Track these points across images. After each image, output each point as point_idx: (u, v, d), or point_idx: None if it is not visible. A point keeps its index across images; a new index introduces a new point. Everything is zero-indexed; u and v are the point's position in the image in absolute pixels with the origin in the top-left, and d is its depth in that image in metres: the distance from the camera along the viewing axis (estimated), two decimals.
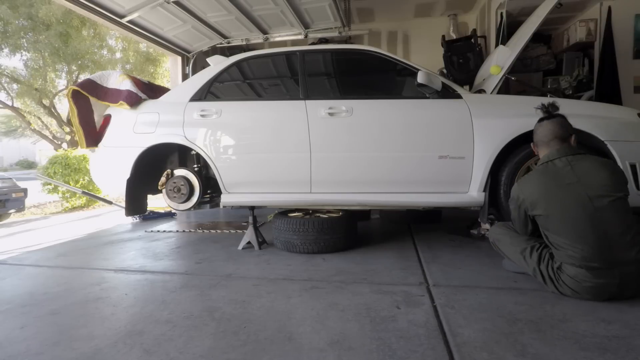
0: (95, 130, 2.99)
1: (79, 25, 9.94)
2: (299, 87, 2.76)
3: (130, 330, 1.50)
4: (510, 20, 4.24)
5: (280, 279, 2.10)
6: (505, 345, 1.32)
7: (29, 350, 1.37)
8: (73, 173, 6.54)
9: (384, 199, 2.61)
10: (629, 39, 4.12)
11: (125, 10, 4.03)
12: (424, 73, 2.39)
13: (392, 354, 1.28)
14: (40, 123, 12.76)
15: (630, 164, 2.27)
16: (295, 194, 2.69)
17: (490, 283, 1.95)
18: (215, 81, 2.90)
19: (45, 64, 10.70)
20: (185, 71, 5.35)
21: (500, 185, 2.40)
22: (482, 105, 2.49)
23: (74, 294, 1.95)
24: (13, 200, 5.81)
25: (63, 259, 2.68)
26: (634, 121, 2.38)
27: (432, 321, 1.52)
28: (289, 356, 1.29)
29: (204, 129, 2.76)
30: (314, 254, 2.58)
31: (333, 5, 4.30)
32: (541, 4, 2.67)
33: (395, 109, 2.59)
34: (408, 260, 2.41)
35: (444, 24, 5.58)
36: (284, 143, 2.67)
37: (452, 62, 4.43)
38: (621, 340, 1.33)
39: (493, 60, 2.85)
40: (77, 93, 2.89)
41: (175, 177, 2.90)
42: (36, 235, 3.70)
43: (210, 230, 3.54)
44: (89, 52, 10.48)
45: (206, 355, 1.31)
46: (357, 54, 2.90)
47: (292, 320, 1.57)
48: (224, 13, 4.39)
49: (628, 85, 4.08)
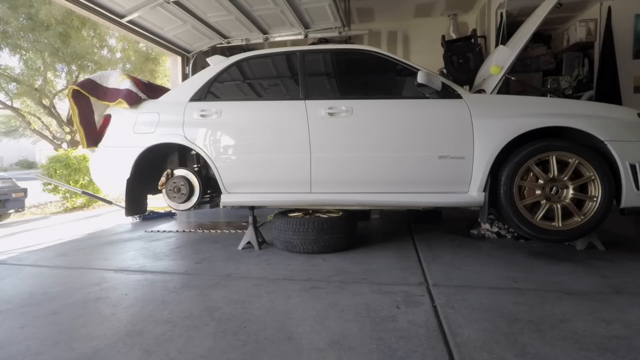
0: (95, 130, 2.99)
1: (79, 25, 9.94)
2: (299, 87, 2.76)
3: (130, 330, 1.50)
4: (510, 20, 4.24)
5: (280, 279, 2.10)
6: (505, 345, 1.32)
7: (29, 350, 1.37)
8: (73, 173, 6.54)
9: (384, 199, 2.61)
10: (629, 39, 4.12)
11: (125, 10, 4.03)
12: (424, 73, 2.38)
13: (392, 354, 1.28)
14: (40, 123, 12.76)
15: (630, 164, 2.27)
16: (295, 194, 2.69)
17: (490, 283, 1.95)
18: (215, 81, 2.89)
19: (45, 64, 10.71)
20: (185, 71, 5.35)
21: (500, 185, 2.40)
22: (482, 105, 2.49)
23: (74, 294, 1.95)
24: (13, 200, 5.81)
25: (63, 259, 2.68)
26: (634, 121, 2.38)
27: (432, 321, 1.52)
28: (289, 356, 1.29)
29: (204, 129, 2.76)
30: (314, 254, 2.58)
31: (333, 5, 4.30)
32: (541, 4, 2.67)
33: (395, 109, 2.59)
34: (408, 260, 2.41)
35: (444, 24, 5.58)
36: (284, 143, 2.67)
37: (452, 62, 4.44)
38: (621, 340, 1.34)
39: (493, 60, 2.85)
40: (77, 93, 2.89)
41: (175, 177, 2.90)
42: (36, 235, 3.70)
43: (210, 230, 3.54)
44: (88, 52, 10.48)
45: (206, 355, 1.31)
46: (357, 54, 2.90)
47: (292, 320, 1.57)
48: (224, 13, 4.39)
49: (628, 85, 4.08)
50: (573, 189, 2.36)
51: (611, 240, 2.72)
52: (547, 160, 2.38)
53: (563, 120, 2.35)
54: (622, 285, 1.88)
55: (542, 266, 2.23)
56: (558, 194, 2.38)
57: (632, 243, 2.81)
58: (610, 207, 2.33)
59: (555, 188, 2.38)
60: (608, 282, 1.93)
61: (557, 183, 2.38)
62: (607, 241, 2.62)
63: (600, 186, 2.31)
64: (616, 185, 2.31)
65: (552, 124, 2.35)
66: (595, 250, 2.53)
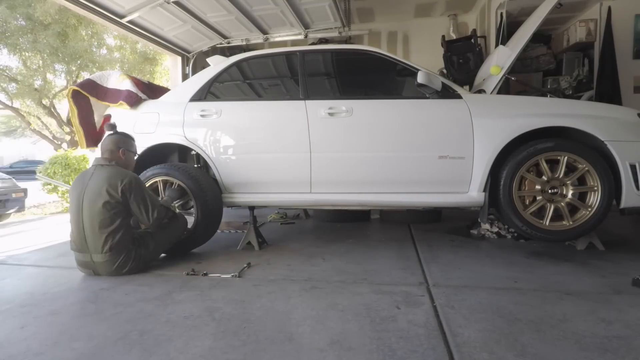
0: (95, 131, 2.99)
1: (76, 24, 9.92)
2: (299, 87, 2.76)
3: (130, 330, 1.50)
4: (510, 20, 4.24)
5: (280, 279, 2.10)
6: (505, 345, 1.32)
7: (29, 350, 1.37)
8: (73, 173, 6.53)
9: (384, 199, 2.61)
10: (629, 39, 4.12)
11: (125, 10, 4.03)
12: (423, 73, 2.39)
13: (392, 354, 1.28)
14: (40, 123, 12.76)
15: (630, 164, 2.27)
16: (296, 194, 2.69)
17: (490, 283, 1.95)
18: (215, 81, 2.89)
19: (44, 64, 10.70)
20: (185, 71, 5.35)
21: (500, 185, 2.40)
22: (482, 106, 2.49)
23: (74, 294, 1.95)
24: (13, 200, 5.80)
25: (63, 259, 2.68)
26: (634, 121, 2.38)
27: (432, 321, 1.52)
28: (289, 356, 1.29)
29: (204, 129, 2.76)
30: (314, 254, 2.58)
31: (333, 6, 4.30)
32: (541, 4, 2.67)
33: (395, 109, 2.59)
34: (408, 260, 2.41)
35: (444, 24, 5.58)
36: (284, 143, 2.67)
37: (452, 62, 4.44)
38: (621, 340, 1.34)
39: (493, 61, 2.85)
40: (77, 93, 2.89)
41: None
42: (36, 235, 3.70)
43: None
44: (87, 52, 10.47)
45: (206, 355, 1.31)
46: (357, 54, 2.90)
47: (292, 320, 1.57)
48: (224, 13, 4.39)
49: (628, 85, 4.09)
50: (573, 189, 2.37)
51: (611, 240, 2.72)
52: (549, 160, 2.38)
53: (563, 120, 2.35)
54: (622, 285, 1.88)
55: (542, 266, 2.23)
56: (558, 193, 2.39)
57: (632, 243, 2.81)
58: (609, 207, 2.34)
59: (554, 189, 2.38)
60: (608, 282, 1.93)
61: (554, 182, 2.39)
62: (607, 241, 2.62)
63: (600, 187, 2.31)
64: (616, 185, 2.32)
65: (552, 124, 2.35)
66: (595, 250, 2.53)
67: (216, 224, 2.73)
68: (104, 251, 2.12)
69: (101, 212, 2.11)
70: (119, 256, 2.15)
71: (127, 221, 2.24)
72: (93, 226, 2.12)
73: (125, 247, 2.18)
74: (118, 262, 2.15)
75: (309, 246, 2.83)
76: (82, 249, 2.16)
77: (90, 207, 2.13)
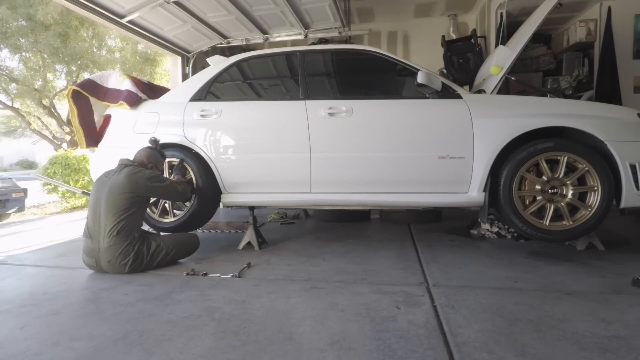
0: (95, 131, 2.99)
1: (77, 25, 9.93)
2: (299, 87, 2.76)
3: (130, 330, 1.50)
4: (510, 20, 4.24)
5: (280, 279, 2.10)
6: (505, 345, 1.32)
7: (29, 350, 1.37)
8: (73, 173, 6.54)
9: (384, 199, 2.61)
10: (629, 39, 4.12)
11: (125, 10, 4.03)
12: (424, 73, 2.38)
13: (392, 354, 1.28)
14: (40, 123, 12.75)
15: (630, 164, 2.27)
16: (295, 194, 2.69)
17: (490, 283, 1.95)
18: (215, 81, 2.89)
19: (44, 65, 10.70)
20: (185, 71, 5.35)
21: (500, 185, 2.40)
22: (482, 105, 2.49)
23: (74, 294, 1.95)
24: (13, 200, 5.81)
25: (63, 259, 2.68)
26: (634, 121, 2.38)
27: (432, 321, 1.52)
28: (289, 356, 1.29)
29: (204, 129, 2.76)
30: (314, 254, 2.58)
31: (333, 6, 4.30)
32: (541, 4, 2.67)
33: (395, 109, 2.58)
34: (408, 260, 2.41)
35: (444, 24, 5.58)
36: (284, 143, 2.67)
37: (452, 62, 4.44)
38: (621, 340, 1.34)
39: (493, 61, 2.85)
40: (77, 93, 2.89)
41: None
42: (36, 235, 3.70)
43: (210, 230, 3.54)
44: (88, 52, 10.47)
45: (206, 355, 1.31)
46: (357, 54, 2.90)
47: (292, 320, 1.57)
48: (224, 13, 4.39)
49: (628, 85, 4.08)
50: (573, 189, 2.37)
51: (611, 240, 2.72)
52: (549, 160, 2.38)
53: (563, 120, 2.35)
54: (622, 285, 1.88)
55: (542, 266, 2.23)
56: (558, 193, 2.39)
57: (632, 243, 2.81)
58: (609, 207, 2.33)
59: (554, 189, 2.38)
60: (608, 282, 1.93)
61: (554, 182, 2.39)
62: (607, 241, 2.62)
63: (600, 187, 2.31)
64: (616, 185, 2.32)
65: (552, 124, 2.35)
66: (595, 250, 2.53)
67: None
68: (111, 235, 2.21)
69: (121, 198, 2.26)
70: (123, 243, 2.22)
71: (142, 211, 2.40)
72: (108, 210, 2.24)
73: (131, 234, 2.27)
74: (121, 250, 2.21)
75: (309, 246, 2.83)
76: (93, 234, 2.26)
77: (109, 195, 2.27)
